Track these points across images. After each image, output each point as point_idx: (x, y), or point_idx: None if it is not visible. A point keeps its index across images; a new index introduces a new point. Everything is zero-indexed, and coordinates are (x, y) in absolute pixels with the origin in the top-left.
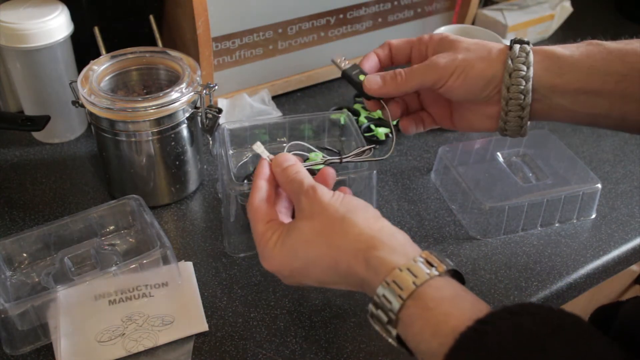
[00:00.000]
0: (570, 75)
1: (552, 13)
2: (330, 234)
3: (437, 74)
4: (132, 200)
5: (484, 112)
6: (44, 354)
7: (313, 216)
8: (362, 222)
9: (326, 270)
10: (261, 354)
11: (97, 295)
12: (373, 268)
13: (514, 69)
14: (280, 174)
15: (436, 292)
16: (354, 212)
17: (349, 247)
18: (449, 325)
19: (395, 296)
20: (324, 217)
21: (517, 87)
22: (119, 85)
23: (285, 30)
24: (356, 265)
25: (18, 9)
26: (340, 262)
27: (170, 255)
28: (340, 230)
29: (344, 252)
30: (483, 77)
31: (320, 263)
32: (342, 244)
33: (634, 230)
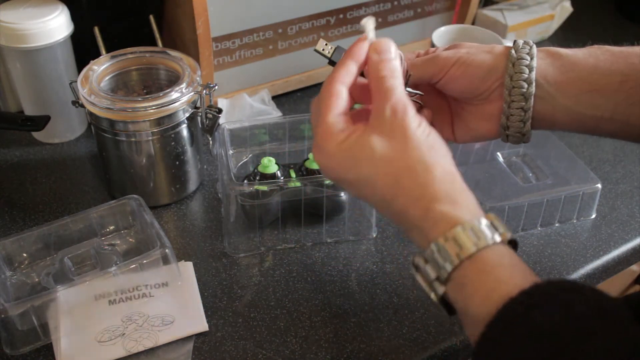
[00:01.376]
0: (574, 73)
1: (552, 13)
2: (401, 168)
3: (438, 65)
4: (132, 200)
5: (485, 112)
6: (44, 354)
7: (392, 138)
8: (440, 170)
9: (379, 197)
10: (261, 354)
11: (97, 295)
12: (432, 219)
13: (518, 58)
14: (374, 64)
15: (496, 258)
16: (434, 156)
17: (413, 191)
18: (501, 292)
19: (452, 255)
20: (402, 148)
21: (520, 75)
22: (119, 85)
23: (285, 30)
24: (414, 210)
25: (18, 9)
26: (397, 199)
27: (170, 255)
28: (414, 170)
29: (406, 193)
30: (484, 67)
31: (376, 188)
32: (408, 184)
33: (634, 230)
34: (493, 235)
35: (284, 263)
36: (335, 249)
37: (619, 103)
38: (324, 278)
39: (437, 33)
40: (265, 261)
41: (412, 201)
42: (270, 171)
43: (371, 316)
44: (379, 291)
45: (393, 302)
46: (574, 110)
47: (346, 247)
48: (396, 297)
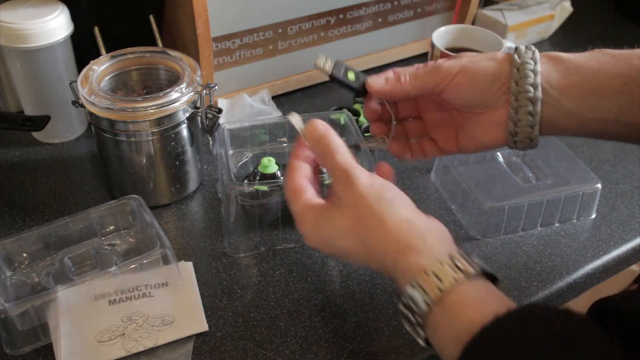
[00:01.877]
0: (577, 76)
1: (552, 13)
2: (362, 230)
3: (441, 74)
4: (132, 200)
5: (491, 120)
6: (44, 354)
7: (346, 207)
8: (394, 221)
9: (360, 260)
10: (261, 354)
11: (97, 295)
12: (400, 271)
13: (522, 63)
14: (312, 147)
15: (461, 297)
16: (387, 207)
17: (379, 248)
18: (469, 332)
19: (421, 300)
20: (356, 211)
21: (525, 80)
22: (119, 85)
23: (285, 30)
24: (385, 264)
25: (18, 9)
26: (370, 259)
27: (170, 255)
28: (371, 228)
29: (374, 252)
30: (489, 74)
31: (354, 254)
32: (372, 244)
33: (634, 230)
34: (457, 274)
35: (284, 263)
36: None
37: (622, 105)
38: (324, 278)
39: (437, 33)
40: (265, 261)
41: (381, 257)
42: (270, 171)
43: (371, 316)
44: (379, 291)
45: (393, 302)
46: (578, 114)
47: None
48: (396, 297)
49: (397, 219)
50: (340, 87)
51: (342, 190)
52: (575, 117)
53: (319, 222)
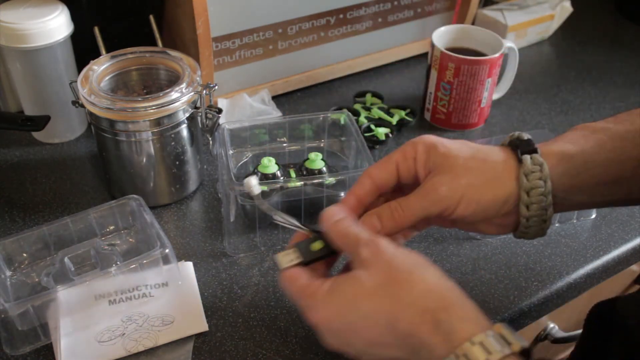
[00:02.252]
0: (587, 173)
1: (552, 13)
2: (394, 286)
3: (441, 205)
4: (132, 200)
5: (499, 224)
6: (44, 354)
7: (376, 266)
8: (432, 278)
9: (382, 328)
10: (261, 354)
11: (97, 295)
12: (443, 333)
13: (532, 187)
14: (331, 228)
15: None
16: (423, 266)
17: (416, 304)
18: None
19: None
20: (388, 268)
21: (538, 205)
22: (119, 85)
23: (285, 30)
24: (421, 325)
25: (18, 9)
26: (401, 320)
27: (170, 255)
28: (407, 284)
29: (408, 309)
30: (497, 201)
31: (378, 319)
32: (408, 299)
33: (634, 230)
34: (503, 348)
35: None
36: None
37: (633, 185)
38: None
39: (437, 33)
40: (265, 261)
41: (418, 315)
42: (270, 171)
43: None
44: None
45: None
46: (588, 202)
47: None
48: None
49: (437, 277)
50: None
51: (371, 254)
52: (585, 204)
53: (334, 287)
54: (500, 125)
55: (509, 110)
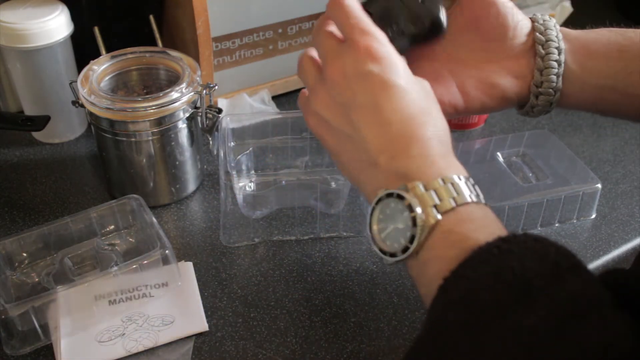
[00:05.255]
0: (577, 41)
1: (552, 13)
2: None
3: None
4: (132, 200)
5: (510, 69)
6: (44, 354)
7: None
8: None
9: (412, 108)
10: (261, 354)
11: (97, 296)
12: (446, 155)
13: (543, 19)
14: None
15: (479, 212)
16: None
17: (438, 119)
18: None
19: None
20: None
21: (550, 32)
22: (119, 85)
23: (285, 30)
24: (434, 136)
25: (18, 9)
26: (426, 112)
27: (170, 255)
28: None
29: (433, 113)
30: (517, 16)
31: (412, 97)
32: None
33: (634, 230)
34: (471, 195)
35: (284, 263)
36: (335, 248)
37: (618, 71)
38: (324, 278)
39: None
40: (265, 261)
41: (439, 125)
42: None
43: (371, 316)
44: (379, 291)
45: (393, 302)
46: (580, 78)
47: (346, 247)
48: (396, 297)
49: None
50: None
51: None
52: (577, 82)
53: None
54: (500, 126)
55: (508, 110)
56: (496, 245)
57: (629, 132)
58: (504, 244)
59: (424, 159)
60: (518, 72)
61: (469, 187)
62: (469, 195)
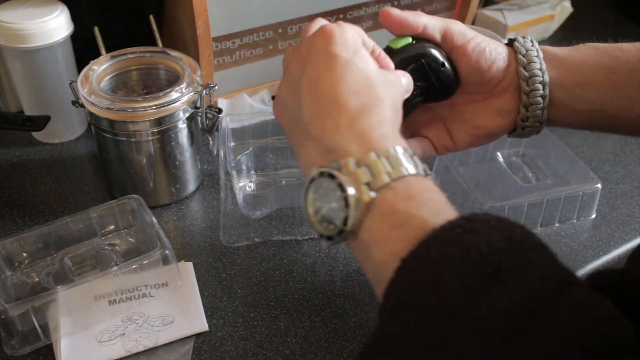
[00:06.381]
0: (563, 67)
1: (552, 13)
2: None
3: (455, 35)
4: (132, 200)
5: (494, 107)
6: (44, 354)
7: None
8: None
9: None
10: (261, 354)
11: (97, 296)
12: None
13: (527, 50)
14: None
15: (432, 186)
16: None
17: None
18: (444, 216)
19: (396, 169)
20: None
21: (533, 65)
22: (119, 85)
23: (285, 30)
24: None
25: (18, 9)
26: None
27: (170, 255)
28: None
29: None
30: (500, 53)
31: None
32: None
33: (634, 230)
34: (408, 167)
35: (284, 263)
36: (335, 248)
37: (606, 95)
38: (324, 278)
39: None
40: (265, 261)
41: (383, 111)
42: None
43: (371, 316)
44: None
45: None
46: (567, 105)
47: (346, 247)
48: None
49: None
50: None
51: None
52: (564, 108)
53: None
54: None
55: None
56: (459, 225)
57: None
58: (467, 222)
59: (354, 132)
60: (502, 109)
61: (406, 159)
62: (406, 168)
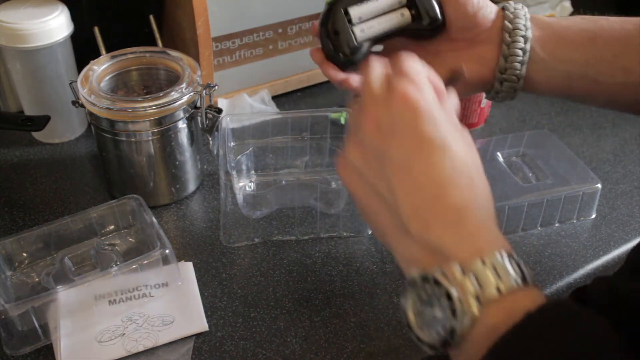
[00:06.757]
0: (550, 29)
1: (552, 13)
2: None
3: None
4: (132, 200)
5: (476, 54)
6: (44, 354)
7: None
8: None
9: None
10: (261, 354)
11: (97, 296)
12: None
13: (515, 8)
14: None
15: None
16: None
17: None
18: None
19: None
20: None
21: (519, 20)
22: (119, 85)
23: (285, 30)
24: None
25: (18, 9)
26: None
27: (170, 255)
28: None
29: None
30: (484, 1)
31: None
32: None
33: (634, 230)
34: (517, 278)
35: (284, 263)
36: (335, 248)
37: (589, 59)
38: (324, 278)
39: None
40: (265, 261)
41: (479, 188)
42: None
43: (371, 316)
44: (379, 291)
45: (393, 302)
46: (549, 66)
47: (346, 247)
48: (396, 297)
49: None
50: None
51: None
52: (546, 69)
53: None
54: (500, 125)
55: (508, 110)
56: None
57: (629, 132)
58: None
59: (459, 231)
60: (482, 58)
61: (512, 267)
62: (515, 279)
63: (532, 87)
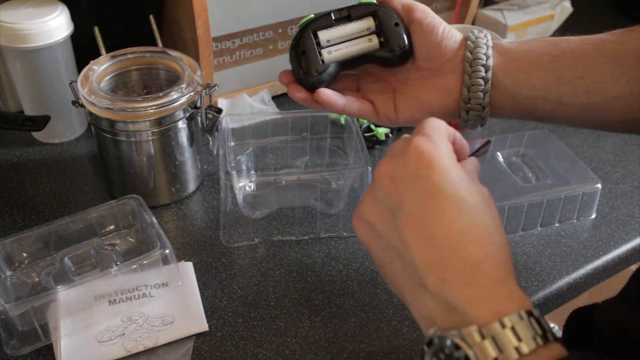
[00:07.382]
0: (510, 55)
1: (552, 13)
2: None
3: (409, 6)
4: (132, 200)
5: (439, 85)
6: (44, 354)
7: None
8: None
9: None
10: (261, 354)
11: (97, 296)
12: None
13: (476, 37)
14: None
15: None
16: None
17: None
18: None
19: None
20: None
21: (479, 50)
22: (119, 85)
23: (285, 30)
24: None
25: (18, 9)
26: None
27: (170, 255)
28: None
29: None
30: (449, 31)
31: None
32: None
33: (634, 230)
34: (536, 337)
35: (284, 263)
36: (335, 248)
37: (550, 82)
38: (324, 278)
39: None
40: (265, 261)
41: (495, 241)
42: None
43: (371, 316)
44: (379, 291)
45: (393, 302)
46: (512, 91)
47: (346, 247)
48: (396, 297)
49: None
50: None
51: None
52: (510, 95)
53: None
54: (500, 126)
55: None
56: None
57: None
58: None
59: (477, 289)
60: (447, 88)
61: (532, 327)
62: (534, 338)
63: (499, 113)
